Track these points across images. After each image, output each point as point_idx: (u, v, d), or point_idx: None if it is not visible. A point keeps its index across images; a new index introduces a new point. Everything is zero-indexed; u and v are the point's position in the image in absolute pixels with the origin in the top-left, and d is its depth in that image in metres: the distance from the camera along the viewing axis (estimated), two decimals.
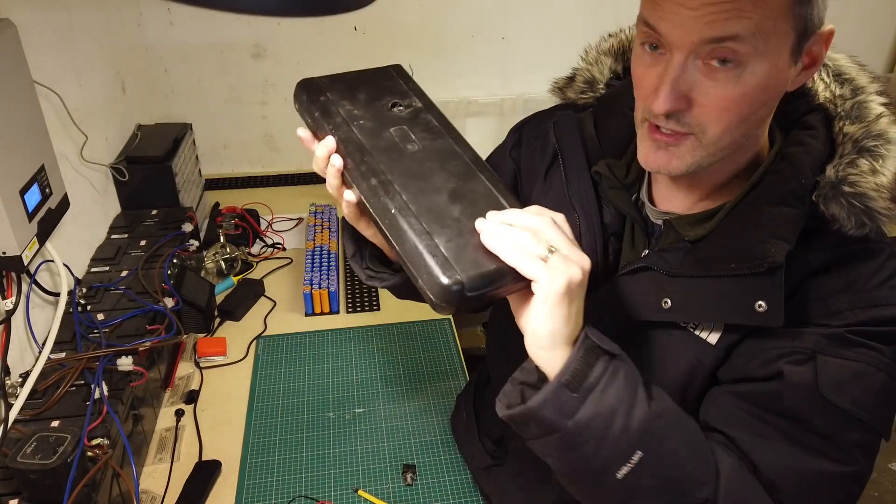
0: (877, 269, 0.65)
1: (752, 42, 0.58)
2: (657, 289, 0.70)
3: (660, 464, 0.60)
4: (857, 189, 0.64)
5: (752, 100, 0.62)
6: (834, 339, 0.64)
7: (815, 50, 0.63)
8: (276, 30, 1.93)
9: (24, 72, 1.06)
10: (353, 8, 0.71)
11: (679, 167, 0.66)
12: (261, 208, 1.84)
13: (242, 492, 1.08)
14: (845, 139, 0.66)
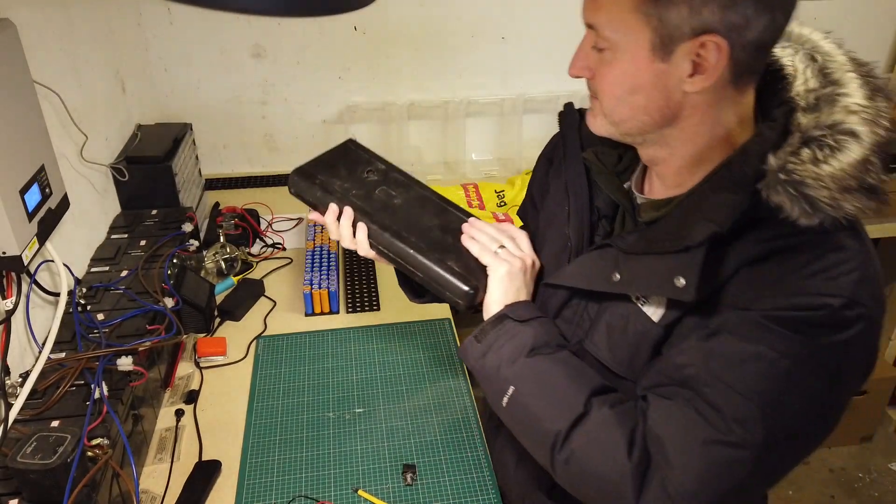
0: (813, 260, 0.67)
1: (609, 31, 0.69)
2: (613, 264, 0.78)
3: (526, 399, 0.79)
4: (793, 177, 0.66)
5: (621, 81, 0.71)
6: (745, 321, 0.68)
7: (703, 56, 0.66)
8: (276, 30, 1.93)
9: (24, 72, 1.06)
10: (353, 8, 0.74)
11: (595, 126, 0.78)
12: (261, 208, 1.84)
13: (242, 492, 1.08)
14: (795, 129, 0.68)
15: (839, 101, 0.68)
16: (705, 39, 0.65)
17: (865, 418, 2.34)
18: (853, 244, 0.69)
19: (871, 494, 2.24)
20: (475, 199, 1.87)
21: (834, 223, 0.67)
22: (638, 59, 0.69)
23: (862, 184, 0.66)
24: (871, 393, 2.27)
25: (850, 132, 0.66)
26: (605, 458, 0.73)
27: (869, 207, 0.67)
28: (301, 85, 2.02)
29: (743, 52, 0.66)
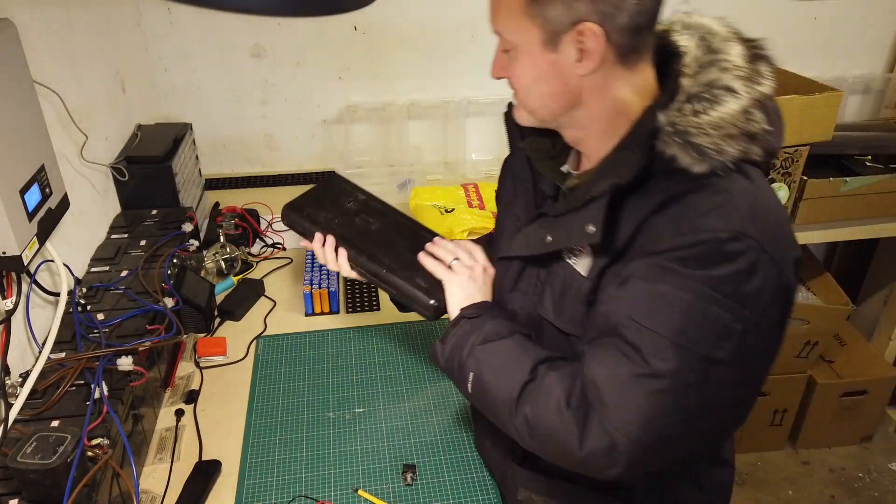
0: (703, 201, 0.76)
1: (508, 34, 0.82)
2: (546, 229, 0.89)
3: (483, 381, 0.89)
4: (677, 128, 0.76)
5: (523, 75, 0.84)
6: (649, 266, 0.77)
7: (585, 44, 0.77)
8: (276, 30, 1.93)
9: (24, 72, 1.06)
10: (353, 8, 0.75)
11: (519, 118, 0.90)
12: (261, 208, 1.84)
13: (242, 492, 1.08)
14: (680, 91, 0.78)
15: (717, 64, 0.78)
16: (582, 28, 0.76)
17: (865, 418, 2.34)
18: (742, 185, 0.78)
19: (871, 494, 2.24)
20: (475, 199, 1.87)
21: (724, 168, 0.76)
22: (533, 54, 0.81)
23: (744, 131, 0.76)
24: (871, 393, 2.27)
25: (725, 87, 0.77)
26: (549, 414, 0.81)
27: (754, 153, 0.77)
28: (301, 85, 2.02)
29: (620, 35, 0.77)
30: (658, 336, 0.75)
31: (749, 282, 0.74)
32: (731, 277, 0.74)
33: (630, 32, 0.77)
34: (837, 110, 1.75)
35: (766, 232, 0.76)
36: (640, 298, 0.77)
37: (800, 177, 1.82)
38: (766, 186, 0.82)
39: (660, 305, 0.75)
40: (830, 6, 2.15)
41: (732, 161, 0.76)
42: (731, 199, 0.76)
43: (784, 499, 2.23)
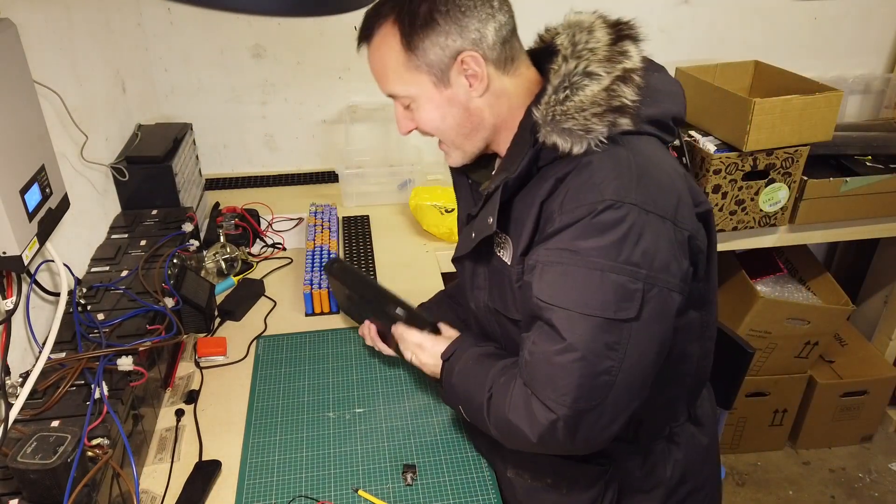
0: (584, 177, 0.84)
1: (402, 92, 0.92)
2: (471, 228, 0.98)
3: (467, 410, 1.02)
4: (547, 118, 0.85)
5: (434, 118, 0.93)
6: (549, 251, 0.85)
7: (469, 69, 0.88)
8: (276, 30, 1.93)
9: (24, 72, 1.06)
10: (353, 8, 0.76)
11: (455, 161, 1.01)
12: (261, 208, 1.84)
13: (242, 492, 1.08)
14: (549, 86, 0.87)
15: (577, 54, 0.86)
16: (462, 57, 0.87)
17: (865, 418, 2.34)
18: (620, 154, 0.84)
19: (872, 494, 2.24)
20: None
21: (599, 143, 0.84)
22: (432, 97, 0.91)
23: (609, 107, 0.83)
24: (871, 393, 2.27)
25: (583, 73, 0.84)
26: (504, 412, 0.91)
27: (623, 124, 0.84)
28: (301, 85, 2.02)
29: (493, 50, 0.88)
30: (566, 311, 0.83)
31: (638, 243, 0.81)
32: (618, 243, 0.81)
33: (500, 45, 0.88)
34: (837, 110, 1.75)
35: (649, 194, 0.83)
36: (545, 281, 0.85)
37: (800, 177, 1.82)
38: (654, 152, 0.89)
39: (562, 283, 0.83)
40: (830, 6, 2.15)
41: (606, 136, 0.84)
42: (609, 171, 0.83)
43: (784, 499, 2.23)
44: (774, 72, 1.94)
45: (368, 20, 0.91)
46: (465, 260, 1.05)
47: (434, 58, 0.88)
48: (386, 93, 0.95)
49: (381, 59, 0.92)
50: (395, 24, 0.88)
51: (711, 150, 1.78)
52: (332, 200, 1.86)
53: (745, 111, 1.69)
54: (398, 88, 0.92)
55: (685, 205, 0.87)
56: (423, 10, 0.86)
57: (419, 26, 0.86)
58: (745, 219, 1.86)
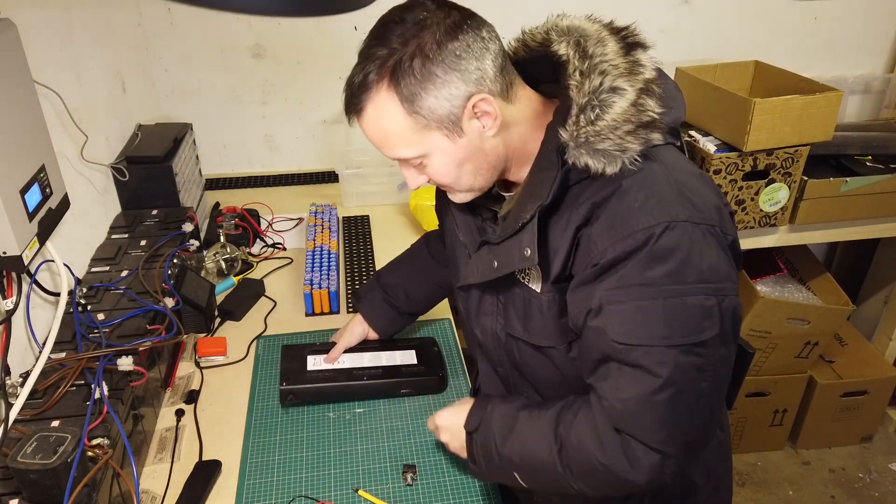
0: (628, 200, 0.79)
1: (413, 154, 0.86)
2: (492, 255, 0.92)
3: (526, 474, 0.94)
4: (579, 140, 0.80)
5: (449, 169, 0.88)
6: (614, 289, 0.79)
7: (480, 111, 0.83)
8: (276, 30, 1.93)
9: (24, 72, 1.06)
10: (353, 8, 0.75)
11: (461, 199, 0.95)
12: (261, 208, 1.84)
13: (242, 492, 1.08)
14: (572, 104, 0.81)
15: (596, 68, 0.81)
16: (472, 103, 0.82)
17: (866, 418, 2.34)
18: (656, 171, 0.81)
19: (872, 494, 2.24)
20: None
21: (633, 161, 0.80)
22: (447, 150, 0.85)
23: (639, 123, 0.79)
24: (871, 393, 2.27)
25: (610, 89, 0.79)
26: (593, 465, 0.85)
27: (655, 139, 0.81)
28: (301, 85, 2.02)
29: (496, 84, 0.83)
30: (651, 349, 0.78)
31: (702, 257, 0.78)
32: (684, 263, 0.77)
33: (500, 76, 0.84)
34: (837, 110, 1.75)
35: (695, 206, 0.80)
36: (619, 323, 0.79)
37: (800, 177, 1.82)
38: (679, 160, 0.86)
39: (640, 321, 0.78)
40: (831, 6, 2.15)
41: (639, 153, 0.80)
42: (651, 191, 0.80)
43: (784, 499, 2.23)
44: (774, 72, 1.94)
45: (356, 92, 0.83)
46: (473, 287, 1.00)
47: (443, 112, 0.82)
48: (392, 158, 0.89)
49: (382, 129, 0.85)
50: (390, 88, 0.81)
51: (711, 150, 1.78)
52: (332, 200, 1.86)
53: (745, 111, 1.69)
54: (407, 153, 0.86)
55: (724, 209, 0.84)
56: (417, 67, 0.80)
57: (419, 85, 0.80)
58: (746, 219, 1.86)
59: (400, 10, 0.83)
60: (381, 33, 0.82)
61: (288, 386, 1.21)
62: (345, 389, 1.20)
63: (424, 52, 0.80)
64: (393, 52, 0.80)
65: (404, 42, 0.80)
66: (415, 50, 0.80)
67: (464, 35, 0.81)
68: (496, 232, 0.93)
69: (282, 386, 1.20)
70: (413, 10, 0.82)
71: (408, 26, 0.81)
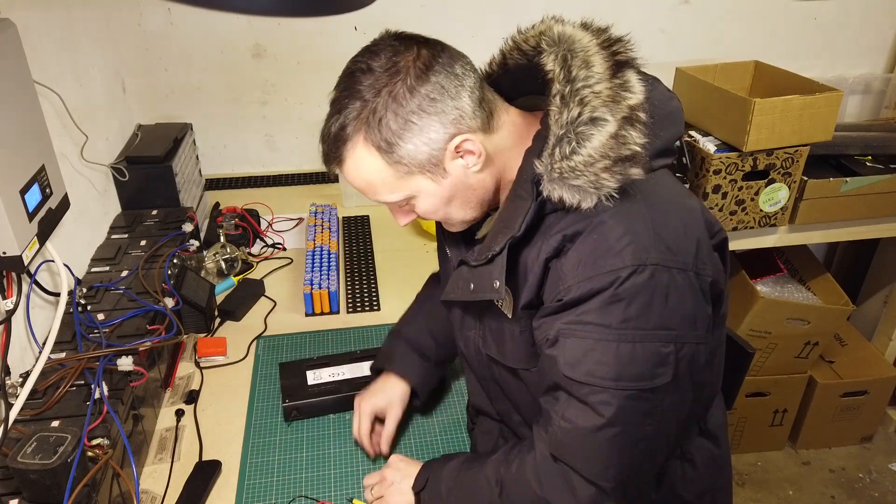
0: (599, 239, 0.77)
1: (397, 198, 0.85)
2: (469, 277, 0.90)
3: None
4: (553, 175, 0.77)
5: (437, 206, 0.87)
6: (572, 323, 0.78)
7: (464, 153, 0.82)
8: (276, 30, 1.93)
9: (24, 72, 1.06)
10: (353, 8, 0.74)
11: (457, 229, 0.94)
12: (261, 208, 1.84)
13: (242, 492, 1.08)
14: (549, 133, 0.78)
15: (577, 94, 0.76)
16: (452, 146, 0.80)
17: (865, 418, 2.34)
18: (632, 209, 0.78)
19: (872, 495, 2.24)
20: None
21: (609, 198, 0.77)
22: (432, 192, 0.84)
23: (618, 158, 0.75)
24: (871, 393, 2.27)
25: (588, 120, 0.75)
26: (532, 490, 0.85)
27: (634, 174, 0.76)
28: (301, 85, 2.02)
29: (475, 119, 0.81)
30: (599, 389, 0.77)
31: (666, 304, 0.76)
32: (646, 309, 0.75)
33: (479, 109, 0.81)
34: (837, 110, 1.75)
35: (669, 248, 0.77)
36: (572, 357, 0.79)
37: (800, 177, 1.82)
38: (664, 190, 0.83)
39: (592, 359, 0.77)
40: (830, 6, 2.15)
41: (616, 189, 0.76)
42: (625, 229, 0.77)
43: (784, 499, 2.23)
44: (774, 72, 1.94)
45: (333, 144, 0.82)
46: (455, 303, 0.99)
47: (423, 157, 0.80)
48: (379, 202, 0.88)
49: (364, 178, 0.84)
50: (367, 141, 0.80)
51: (711, 151, 1.77)
52: (332, 200, 1.86)
53: (745, 111, 1.69)
54: (392, 197, 0.85)
55: (704, 247, 0.82)
56: (391, 117, 0.78)
57: (395, 136, 0.79)
58: (745, 219, 1.86)
59: (366, 57, 0.80)
60: (350, 84, 0.80)
61: (291, 402, 1.19)
62: (348, 400, 1.19)
63: (398, 101, 0.77)
64: (365, 104, 0.78)
65: (376, 92, 0.78)
66: (387, 100, 0.77)
67: (436, 76, 0.78)
68: (474, 253, 0.90)
69: (285, 403, 1.19)
70: (379, 56, 0.79)
71: (377, 75, 0.78)
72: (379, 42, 0.82)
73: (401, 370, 1.16)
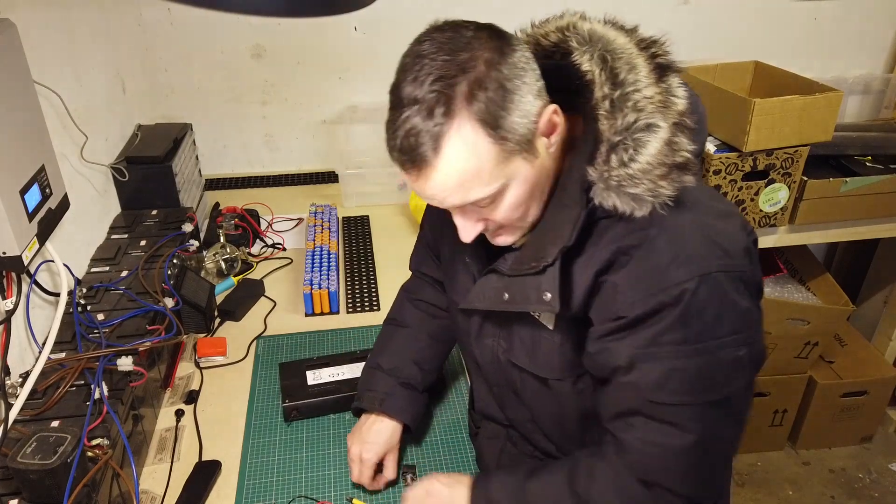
0: (659, 251, 0.74)
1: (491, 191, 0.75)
2: (502, 285, 0.86)
3: None
4: (610, 183, 0.74)
5: (524, 202, 0.78)
6: (646, 347, 0.75)
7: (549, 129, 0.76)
8: (276, 30, 1.93)
9: (24, 72, 1.06)
10: (353, 8, 0.73)
11: (508, 242, 0.85)
12: (261, 208, 1.84)
13: (242, 492, 1.07)
14: (601, 139, 0.75)
15: (630, 97, 0.74)
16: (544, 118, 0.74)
17: (865, 419, 2.34)
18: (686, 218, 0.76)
19: (872, 495, 2.24)
20: None
21: (663, 206, 0.74)
22: (525, 177, 0.76)
23: (672, 166, 0.73)
24: (871, 393, 2.27)
25: (644, 127, 0.73)
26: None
27: (687, 182, 0.75)
28: (301, 85, 2.02)
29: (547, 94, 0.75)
30: (686, 407, 0.76)
31: (734, 308, 0.75)
32: (718, 318, 0.74)
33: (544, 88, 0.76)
34: (837, 110, 1.75)
35: (726, 252, 0.75)
36: (653, 381, 0.76)
37: (800, 177, 1.82)
38: (705, 196, 0.81)
39: (676, 380, 0.75)
40: (830, 6, 2.15)
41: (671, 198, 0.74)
42: (682, 241, 0.75)
43: (784, 499, 2.23)
44: (774, 72, 1.94)
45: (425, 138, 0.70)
46: (475, 312, 0.94)
47: (523, 132, 0.72)
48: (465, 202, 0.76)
49: (462, 170, 0.72)
50: (472, 117, 0.70)
51: (711, 151, 1.77)
52: (332, 200, 1.86)
53: (744, 111, 1.69)
54: (486, 190, 0.75)
55: (751, 249, 0.80)
56: (493, 86, 0.70)
57: (500, 106, 0.70)
58: (746, 219, 1.86)
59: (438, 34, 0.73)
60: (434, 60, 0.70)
61: (291, 402, 1.19)
62: (348, 400, 1.19)
63: (496, 68, 0.70)
64: (461, 74, 0.69)
65: (467, 63, 0.70)
66: (485, 68, 0.70)
67: (512, 47, 0.73)
68: (507, 262, 0.85)
69: (284, 403, 1.19)
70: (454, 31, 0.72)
71: (461, 44, 0.71)
72: (438, 26, 0.74)
73: (393, 411, 1.09)
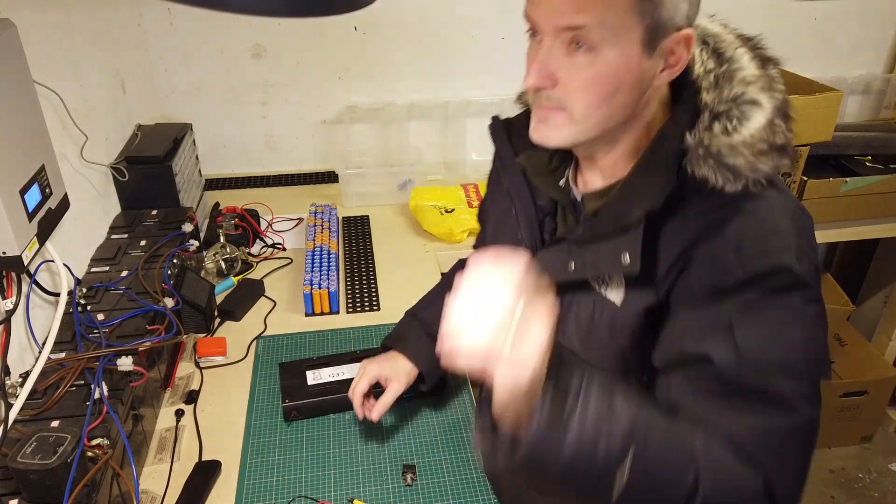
0: (755, 225, 0.71)
1: (598, 31, 0.68)
2: (567, 256, 0.81)
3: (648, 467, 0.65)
4: (710, 151, 0.71)
5: (606, 82, 0.71)
6: (743, 309, 0.70)
7: (676, 51, 0.72)
8: (276, 30, 1.93)
9: (24, 72, 1.06)
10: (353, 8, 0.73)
11: (556, 139, 0.76)
12: (261, 208, 1.84)
13: (242, 492, 1.08)
14: (704, 108, 0.74)
15: (736, 75, 0.74)
16: (684, 35, 0.71)
17: (865, 418, 2.34)
18: (777, 199, 0.73)
19: (871, 495, 2.24)
20: (475, 199, 1.87)
21: (756, 184, 0.72)
22: (629, 57, 0.70)
23: (772, 145, 0.72)
24: (871, 393, 2.27)
25: (750, 101, 0.72)
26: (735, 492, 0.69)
27: (783, 165, 0.73)
28: (301, 85, 2.02)
29: None
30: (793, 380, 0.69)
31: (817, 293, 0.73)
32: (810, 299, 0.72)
33: None
34: (837, 110, 1.75)
35: (810, 240, 0.74)
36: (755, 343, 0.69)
37: (800, 177, 1.82)
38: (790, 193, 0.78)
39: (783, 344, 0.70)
40: (830, 6, 2.15)
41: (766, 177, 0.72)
42: (778, 220, 0.72)
43: None
44: None
45: None
46: None
47: (664, 15, 0.68)
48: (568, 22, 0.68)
49: None
50: None
51: None
52: (332, 200, 1.86)
53: None
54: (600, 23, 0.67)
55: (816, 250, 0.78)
56: None
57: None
58: None
59: None
60: None
61: (291, 402, 1.19)
62: (347, 400, 1.17)
63: None
64: None
65: None
66: None
67: None
68: (576, 230, 0.81)
69: (284, 403, 1.19)
70: None
71: None
72: None
73: (412, 353, 1.12)
